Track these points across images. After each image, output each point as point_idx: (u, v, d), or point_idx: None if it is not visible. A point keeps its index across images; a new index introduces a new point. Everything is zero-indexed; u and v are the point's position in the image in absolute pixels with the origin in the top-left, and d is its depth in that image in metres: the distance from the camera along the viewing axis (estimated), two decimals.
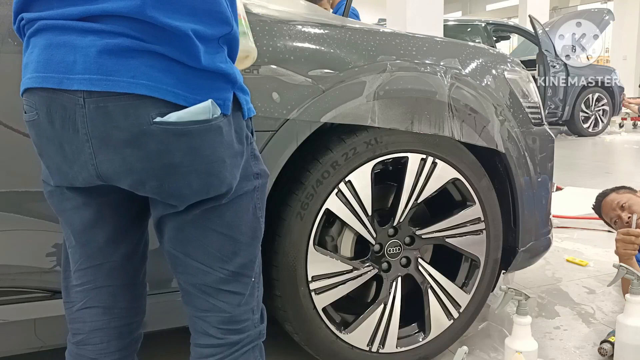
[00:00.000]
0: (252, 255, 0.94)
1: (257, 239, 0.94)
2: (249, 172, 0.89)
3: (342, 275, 1.47)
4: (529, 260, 1.80)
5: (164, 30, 0.75)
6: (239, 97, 0.86)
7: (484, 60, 1.67)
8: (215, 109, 0.80)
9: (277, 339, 1.71)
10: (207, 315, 0.93)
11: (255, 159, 0.91)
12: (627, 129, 9.31)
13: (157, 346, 1.62)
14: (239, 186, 0.87)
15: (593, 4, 15.24)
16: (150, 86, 0.76)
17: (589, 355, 1.72)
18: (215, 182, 0.83)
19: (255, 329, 0.97)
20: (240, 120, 0.87)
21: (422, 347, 1.60)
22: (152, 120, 0.77)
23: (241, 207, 0.90)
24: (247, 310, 0.95)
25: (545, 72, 7.30)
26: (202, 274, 0.91)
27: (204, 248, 0.89)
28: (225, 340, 0.93)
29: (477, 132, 1.55)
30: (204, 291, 0.92)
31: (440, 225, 1.59)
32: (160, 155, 0.79)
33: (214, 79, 0.81)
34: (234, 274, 0.92)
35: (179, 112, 0.78)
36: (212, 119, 0.80)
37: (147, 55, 0.76)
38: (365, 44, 1.44)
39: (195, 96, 0.79)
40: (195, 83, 0.79)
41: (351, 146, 1.41)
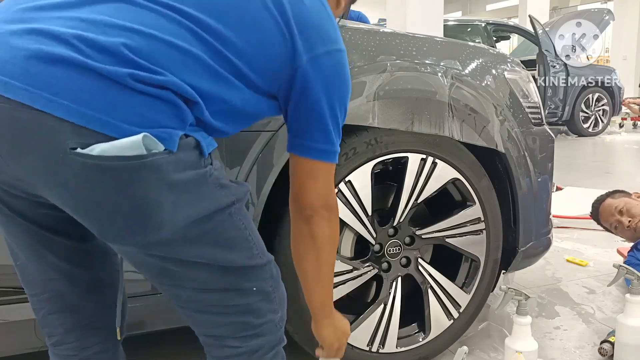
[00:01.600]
0: (249, 271, 0.88)
1: (250, 256, 0.88)
2: (217, 206, 0.81)
3: (342, 275, 1.47)
4: (529, 260, 1.80)
5: (116, 52, 0.68)
6: (192, 134, 0.76)
7: (484, 60, 1.67)
8: (154, 144, 0.69)
9: None
10: (217, 330, 0.89)
11: (223, 189, 0.82)
12: (627, 129, 9.30)
13: (158, 347, 1.61)
14: (205, 222, 0.79)
15: (593, 4, 15.23)
16: (72, 109, 0.66)
17: (589, 355, 1.72)
18: (150, 225, 0.73)
19: (277, 332, 0.94)
20: (193, 156, 0.76)
21: (422, 347, 1.60)
22: (70, 149, 0.66)
23: (219, 238, 0.83)
24: (261, 314, 0.91)
25: (545, 72, 7.30)
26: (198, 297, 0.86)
27: (190, 279, 0.84)
28: (245, 348, 0.89)
29: (477, 132, 1.55)
30: (205, 311, 0.88)
31: (440, 225, 1.59)
32: (78, 189, 0.70)
33: (160, 110, 0.71)
34: (234, 291, 0.87)
35: (104, 144, 0.66)
36: (148, 155, 0.68)
37: (80, 71, 0.67)
38: (365, 44, 1.44)
39: (129, 127, 0.68)
40: (133, 111, 0.68)
41: (351, 146, 1.41)
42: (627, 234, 2.19)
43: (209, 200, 0.80)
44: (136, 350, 1.08)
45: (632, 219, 2.18)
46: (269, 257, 0.94)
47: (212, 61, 0.77)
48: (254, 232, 0.90)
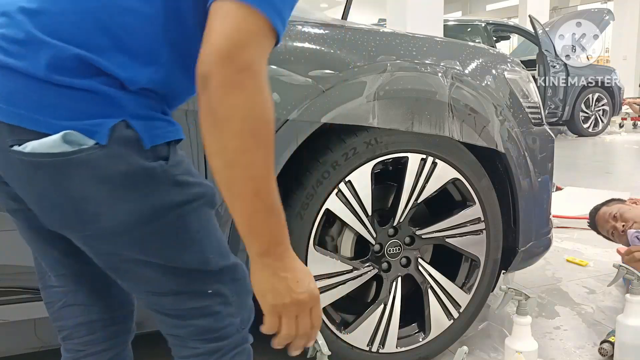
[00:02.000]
0: (203, 274, 0.85)
1: (205, 259, 0.84)
2: (167, 202, 0.77)
3: (342, 275, 1.47)
4: (529, 260, 1.80)
5: (29, 40, 0.69)
6: (132, 124, 0.73)
7: (484, 60, 1.67)
8: (82, 139, 0.70)
9: None
10: (178, 331, 0.89)
11: (178, 186, 0.78)
12: (627, 129, 9.31)
13: (158, 346, 1.61)
14: (151, 219, 0.77)
15: (593, 4, 15.23)
16: (5, 110, 0.69)
17: (589, 355, 1.72)
18: (87, 218, 0.74)
19: (239, 334, 0.91)
20: (134, 149, 0.73)
21: (422, 347, 1.60)
22: (9, 147, 0.70)
23: (167, 237, 0.79)
24: (221, 317, 0.88)
25: (545, 72, 7.30)
26: (154, 300, 0.86)
27: (142, 279, 0.83)
28: (204, 349, 0.88)
29: (477, 132, 1.55)
30: (163, 313, 0.87)
31: (440, 225, 1.59)
32: (22, 184, 0.74)
33: (87, 103, 0.71)
34: (187, 293, 0.85)
35: (34, 142, 0.69)
36: (74, 151, 0.69)
37: (9, 73, 0.69)
38: (365, 44, 1.44)
39: (59, 122, 0.69)
40: (59, 106, 0.70)
41: (351, 146, 1.41)
42: (623, 239, 2.19)
43: (157, 196, 0.77)
44: (136, 350, 1.08)
45: (626, 223, 2.18)
46: (228, 262, 0.89)
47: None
48: (211, 236, 0.85)
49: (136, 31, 0.74)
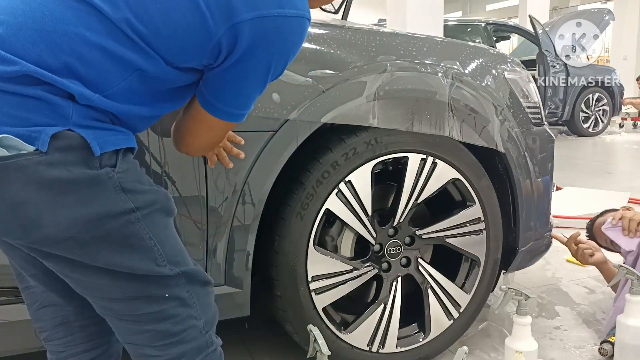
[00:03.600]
0: (157, 279, 0.85)
1: (155, 267, 0.84)
2: (113, 209, 0.78)
3: (342, 276, 1.47)
4: (529, 260, 1.80)
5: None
6: (78, 132, 0.74)
7: (484, 60, 1.67)
8: (20, 144, 0.70)
9: (277, 339, 1.71)
10: (136, 338, 0.87)
11: (126, 193, 0.79)
12: (627, 129, 9.30)
13: None
14: (97, 225, 0.77)
15: (593, 4, 15.22)
16: None
17: (589, 355, 1.72)
18: (27, 224, 0.74)
19: (202, 337, 0.89)
20: (78, 156, 0.75)
21: (422, 347, 1.60)
22: None
23: (115, 243, 0.80)
24: (179, 320, 0.87)
25: (545, 72, 7.30)
26: (110, 306, 0.85)
27: (95, 287, 0.83)
28: (165, 356, 0.86)
29: (477, 132, 1.55)
30: (120, 318, 0.86)
31: (440, 225, 1.59)
32: None
33: (29, 110, 0.71)
34: (142, 298, 0.85)
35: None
36: (12, 156, 0.70)
37: None
38: (365, 44, 1.44)
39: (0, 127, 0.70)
40: (2, 113, 0.70)
41: (351, 146, 1.41)
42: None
43: (102, 203, 0.77)
44: None
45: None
46: (183, 268, 0.88)
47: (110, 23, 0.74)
48: (164, 243, 0.85)
49: (91, 65, 0.74)
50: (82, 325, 0.98)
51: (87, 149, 0.75)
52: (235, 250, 1.33)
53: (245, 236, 1.33)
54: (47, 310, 0.97)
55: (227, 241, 1.32)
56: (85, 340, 0.98)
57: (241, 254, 1.34)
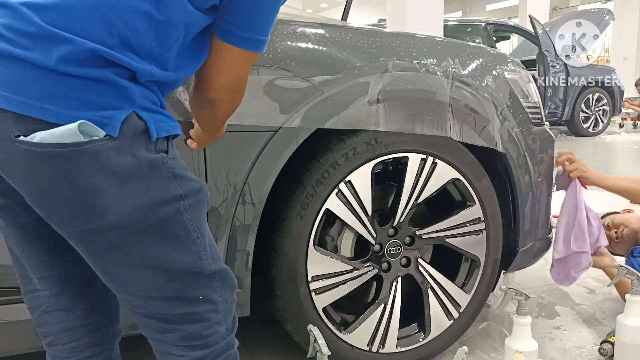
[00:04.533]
0: (195, 278, 0.85)
1: (198, 261, 0.85)
2: (166, 196, 0.79)
3: (342, 276, 1.47)
4: (529, 260, 1.80)
5: (42, 33, 0.68)
6: (142, 116, 0.75)
7: (484, 61, 1.67)
8: (94, 130, 0.70)
9: (277, 339, 1.71)
10: (163, 336, 0.88)
11: (176, 179, 0.80)
12: (627, 129, 9.30)
13: None
14: (151, 214, 0.78)
15: (593, 4, 15.21)
16: (12, 100, 0.68)
17: (589, 355, 1.72)
18: (93, 211, 0.74)
19: (224, 341, 0.91)
20: (141, 141, 0.76)
21: (422, 347, 1.60)
22: (15, 137, 0.69)
23: (164, 234, 0.80)
24: (208, 325, 0.88)
25: (545, 72, 7.30)
26: (143, 304, 0.85)
27: (134, 283, 0.83)
28: (188, 357, 0.87)
29: (477, 132, 1.55)
30: (151, 316, 0.86)
31: (441, 225, 1.59)
32: (24, 176, 0.72)
33: (99, 93, 0.71)
34: (178, 299, 0.85)
35: (43, 132, 0.68)
36: (86, 142, 0.69)
37: (16, 63, 0.68)
38: (366, 45, 1.44)
39: (70, 112, 0.69)
40: (71, 97, 0.69)
41: (351, 146, 1.41)
42: (620, 246, 2.18)
43: (158, 189, 0.78)
44: (136, 350, 1.08)
45: (617, 229, 2.18)
46: (220, 266, 0.90)
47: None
48: (205, 236, 0.87)
49: (142, 33, 0.74)
50: (88, 331, 0.97)
51: (146, 133, 0.76)
52: (235, 250, 1.33)
53: (245, 236, 1.33)
54: (52, 315, 0.96)
55: (227, 241, 1.32)
56: (90, 346, 0.98)
57: (241, 254, 1.34)
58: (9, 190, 0.79)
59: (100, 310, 0.99)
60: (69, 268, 0.93)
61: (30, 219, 0.85)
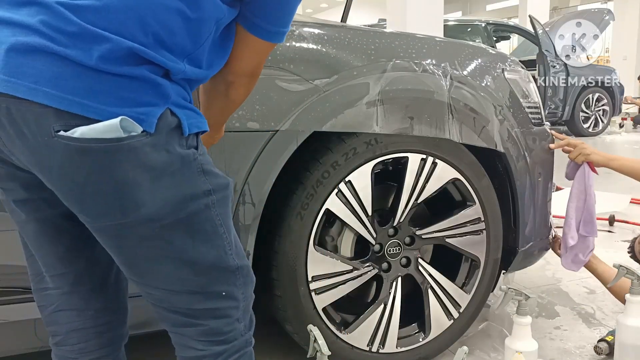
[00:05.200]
0: (219, 273, 0.87)
1: (223, 256, 0.87)
2: (196, 192, 0.81)
3: (342, 276, 1.47)
4: (529, 260, 1.80)
5: (83, 33, 0.69)
6: (175, 112, 0.77)
7: (483, 60, 1.67)
8: (132, 126, 0.72)
9: (277, 339, 1.71)
10: (184, 330, 0.89)
11: (205, 175, 0.83)
12: (627, 129, 9.30)
13: (158, 347, 1.61)
14: (182, 208, 0.80)
15: (593, 4, 15.21)
16: (52, 95, 0.69)
17: (589, 355, 1.72)
18: (129, 205, 0.76)
19: (242, 338, 0.92)
20: (174, 137, 0.78)
21: (422, 347, 1.60)
22: (55, 132, 0.70)
23: (193, 228, 0.82)
24: (229, 322, 0.90)
25: (545, 72, 7.29)
26: (167, 298, 0.86)
27: (160, 276, 0.84)
28: (208, 351, 0.89)
29: (476, 133, 1.55)
30: (174, 311, 0.88)
31: (441, 225, 1.59)
32: (63, 171, 0.73)
33: (136, 90, 0.73)
34: (202, 294, 0.86)
35: (84, 127, 0.70)
36: (125, 137, 0.71)
37: (55, 59, 0.69)
38: (365, 46, 1.44)
39: (109, 108, 0.71)
40: (109, 93, 0.71)
41: (351, 146, 1.41)
42: None
43: (188, 185, 0.80)
44: (136, 350, 1.08)
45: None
46: (244, 262, 0.91)
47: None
48: (230, 232, 0.89)
49: (176, 31, 0.76)
50: (98, 332, 0.98)
51: (179, 129, 0.78)
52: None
53: (245, 236, 1.33)
54: (63, 314, 0.96)
55: None
56: (99, 347, 0.98)
57: None
58: (33, 184, 0.80)
59: (111, 311, 0.99)
60: (84, 266, 0.94)
61: (52, 213, 0.87)
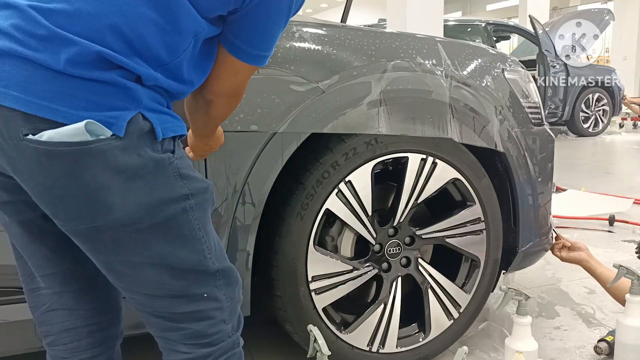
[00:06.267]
0: (199, 276, 0.87)
1: (202, 259, 0.87)
2: (172, 196, 0.81)
3: (342, 276, 1.47)
4: (529, 260, 1.80)
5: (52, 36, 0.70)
6: (147, 117, 0.77)
7: (483, 60, 1.67)
8: (100, 130, 0.71)
9: (277, 339, 1.71)
10: (169, 334, 0.89)
11: (183, 179, 0.82)
12: (627, 129, 9.30)
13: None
14: (157, 212, 0.79)
15: (593, 4, 15.21)
16: (21, 99, 0.69)
17: (589, 355, 1.72)
18: (99, 209, 0.75)
19: (229, 339, 0.92)
20: (146, 141, 0.77)
21: (422, 347, 1.60)
22: (23, 136, 0.70)
23: (170, 232, 0.82)
24: (213, 323, 0.89)
25: (545, 72, 7.30)
26: (149, 303, 0.86)
27: (139, 281, 0.84)
28: (194, 354, 0.89)
29: (476, 133, 1.55)
30: (157, 315, 0.88)
31: (441, 225, 1.59)
32: (32, 174, 0.73)
33: (105, 95, 0.72)
34: (183, 297, 0.86)
35: (51, 131, 0.70)
36: (93, 141, 0.71)
37: (24, 63, 0.69)
38: (366, 46, 1.44)
39: (77, 112, 0.71)
40: (78, 97, 0.71)
41: (351, 146, 1.41)
42: None
43: (165, 189, 0.80)
44: (137, 351, 1.08)
45: None
46: (225, 264, 0.91)
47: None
48: (210, 235, 0.88)
49: (149, 41, 0.75)
50: (90, 331, 0.98)
51: (152, 134, 0.78)
52: (235, 251, 1.33)
53: (245, 236, 1.33)
54: (55, 314, 0.96)
55: (227, 241, 1.32)
56: (91, 346, 0.98)
57: (241, 254, 1.34)
58: (13, 187, 0.80)
59: (103, 310, 0.99)
60: (72, 266, 0.94)
61: (33, 215, 0.86)
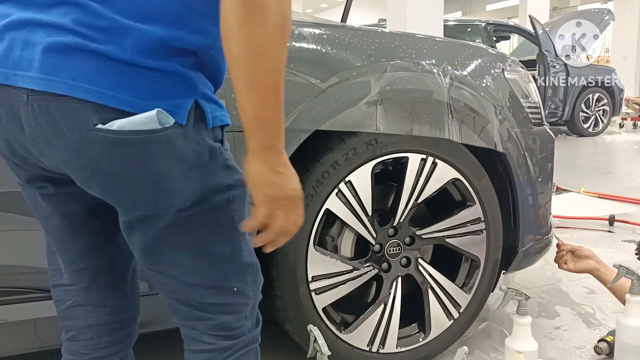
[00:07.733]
0: (233, 268, 0.89)
1: (238, 251, 0.88)
2: (220, 185, 0.83)
3: (342, 276, 1.47)
4: (529, 260, 1.80)
5: (114, 26, 0.71)
6: (201, 105, 0.78)
7: (483, 60, 1.67)
8: (166, 118, 0.74)
9: (277, 339, 1.71)
10: (195, 324, 0.91)
11: (228, 170, 0.84)
12: (627, 129, 9.30)
13: (157, 348, 1.62)
14: (206, 200, 0.81)
15: (593, 4, 15.21)
16: (90, 90, 0.71)
17: (589, 355, 1.72)
18: (163, 196, 0.78)
19: (250, 334, 0.94)
20: (202, 129, 0.79)
21: (422, 347, 1.60)
22: (93, 126, 0.72)
23: (213, 221, 0.84)
24: (239, 318, 0.91)
25: (545, 72, 7.30)
26: (181, 290, 0.88)
27: (177, 265, 0.85)
28: (217, 346, 0.90)
29: (476, 133, 1.55)
30: (187, 304, 0.89)
31: (441, 225, 1.59)
32: (100, 163, 0.75)
33: (167, 84, 0.75)
34: (215, 288, 0.88)
35: (122, 120, 0.72)
36: (160, 129, 0.73)
37: (91, 56, 0.71)
38: (366, 46, 1.44)
39: (143, 101, 0.73)
40: (143, 87, 0.73)
41: (351, 146, 1.41)
42: None
43: (215, 176, 0.82)
44: (136, 351, 1.08)
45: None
46: (254, 260, 0.93)
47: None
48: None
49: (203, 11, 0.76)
50: (111, 329, 0.99)
51: (204, 122, 0.80)
52: None
53: None
54: (79, 310, 0.98)
55: None
56: (110, 344, 0.99)
57: None
58: (63, 181, 0.82)
59: (126, 308, 1.01)
60: (105, 262, 0.96)
61: (77, 208, 0.88)
